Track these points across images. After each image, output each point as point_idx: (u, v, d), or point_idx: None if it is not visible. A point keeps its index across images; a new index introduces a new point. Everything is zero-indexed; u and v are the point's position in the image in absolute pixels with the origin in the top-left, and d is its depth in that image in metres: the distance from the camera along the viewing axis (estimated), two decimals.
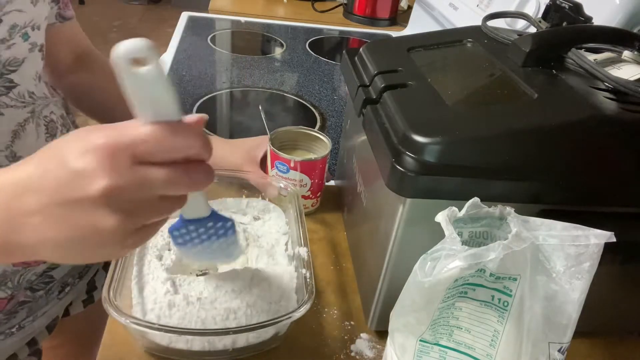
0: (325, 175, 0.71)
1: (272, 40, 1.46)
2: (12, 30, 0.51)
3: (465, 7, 1.15)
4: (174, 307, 0.51)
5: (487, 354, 0.42)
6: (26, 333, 0.65)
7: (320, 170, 0.68)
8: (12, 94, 0.54)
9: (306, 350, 0.54)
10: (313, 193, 0.70)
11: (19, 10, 0.51)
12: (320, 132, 0.72)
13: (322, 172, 0.69)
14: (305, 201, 0.70)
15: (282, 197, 0.67)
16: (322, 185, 0.70)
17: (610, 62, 0.55)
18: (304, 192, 0.68)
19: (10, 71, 0.53)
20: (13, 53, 0.53)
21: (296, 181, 0.67)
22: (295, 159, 0.65)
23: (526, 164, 0.44)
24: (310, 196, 0.70)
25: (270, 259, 0.60)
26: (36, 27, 0.55)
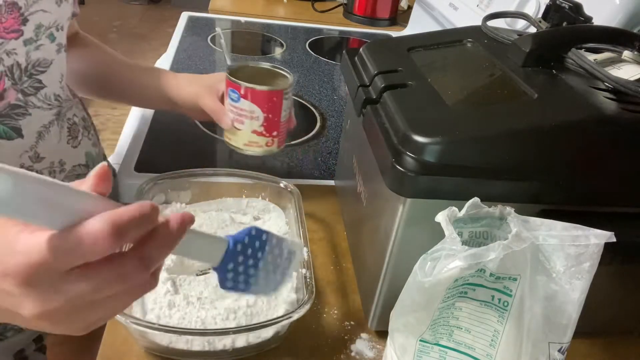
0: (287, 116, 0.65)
1: (272, 40, 1.46)
2: (37, 30, 0.52)
3: (465, 7, 1.15)
4: (174, 307, 0.51)
5: (487, 354, 0.42)
6: (33, 330, 0.65)
7: (274, 103, 0.62)
8: (40, 94, 0.55)
9: (306, 350, 0.54)
10: (267, 130, 0.63)
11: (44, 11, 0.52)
12: (283, 68, 0.67)
13: (278, 107, 0.62)
14: (257, 138, 0.64)
15: (282, 197, 0.67)
16: (278, 124, 0.64)
17: (610, 62, 0.55)
18: (255, 127, 0.63)
19: (39, 72, 0.54)
20: (43, 54, 0.53)
21: (246, 111, 0.61)
22: (246, 86, 0.60)
23: (526, 164, 0.44)
24: (263, 133, 0.63)
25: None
26: (60, 27, 0.55)
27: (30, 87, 0.54)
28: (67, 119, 0.61)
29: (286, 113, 0.64)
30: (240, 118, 0.62)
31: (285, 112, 0.64)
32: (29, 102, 0.54)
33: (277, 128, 0.64)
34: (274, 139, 0.65)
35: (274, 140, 0.65)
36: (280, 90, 0.61)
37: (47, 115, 0.57)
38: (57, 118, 0.59)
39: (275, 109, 0.62)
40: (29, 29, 0.51)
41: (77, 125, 0.64)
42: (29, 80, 0.54)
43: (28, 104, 0.54)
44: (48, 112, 0.57)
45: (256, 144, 0.64)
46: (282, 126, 0.65)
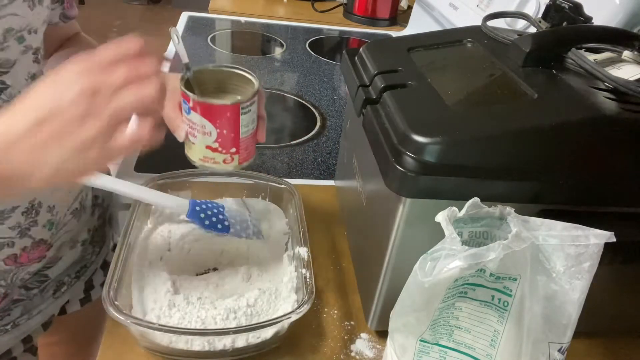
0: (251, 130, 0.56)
1: (272, 40, 1.46)
2: (7, 34, 0.51)
3: (465, 7, 1.15)
4: (174, 307, 0.51)
5: (487, 354, 0.42)
6: (21, 331, 0.65)
7: (229, 119, 0.53)
8: (4, 95, 0.54)
9: (306, 351, 0.54)
10: (222, 147, 0.55)
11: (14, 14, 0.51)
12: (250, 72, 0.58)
13: (234, 123, 0.53)
14: (212, 154, 0.55)
15: (282, 197, 0.67)
16: (237, 140, 0.55)
17: (610, 62, 0.55)
18: (208, 142, 0.54)
19: (2, 73, 0.53)
20: (6, 55, 0.53)
21: (197, 125, 0.53)
22: (194, 98, 0.51)
23: (526, 164, 0.44)
24: (218, 149, 0.55)
25: (270, 259, 0.60)
26: (33, 30, 0.55)
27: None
28: None
29: (249, 128, 0.55)
30: (193, 131, 0.54)
31: (247, 128, 0.55)
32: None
33: (235, 144, 0.55)
34: (233, 155, 0.56)
35: (233, 157, 0.57)
36: (235, 105, 0.52)
37: None
38: None
39: (230, 125, 0.54)
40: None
41: None
42: None
43: None
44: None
45: (212, 159, 0.56)
46: (244, 142, 0.56)
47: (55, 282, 0.68)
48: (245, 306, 0.52)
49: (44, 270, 0.65)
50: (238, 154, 0.57)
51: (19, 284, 0.62)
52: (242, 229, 0.62)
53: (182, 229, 0.62)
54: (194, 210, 0.61)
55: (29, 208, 0.58)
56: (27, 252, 0.60)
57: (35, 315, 0.66)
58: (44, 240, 0.62)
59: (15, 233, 0.58)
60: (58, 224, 0.63)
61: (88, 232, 0.72)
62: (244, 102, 0.53)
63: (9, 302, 0.62)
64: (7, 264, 0.59)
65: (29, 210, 0.58)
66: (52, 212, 0.61)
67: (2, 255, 0.57)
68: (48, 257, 0.64)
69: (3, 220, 0.56)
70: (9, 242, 0.57)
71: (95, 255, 0.75)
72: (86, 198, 0.69)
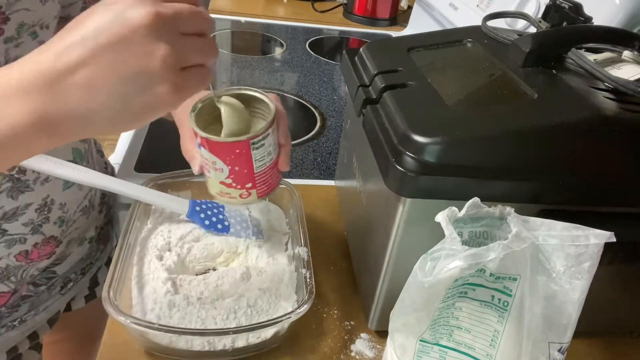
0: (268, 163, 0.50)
1: (272, 40, 1.46)
2: (20, 29, 0.51)
3: (465, 7, 1.15)
4: (174, 307, 0.51)
5: (487, 354, 0.42)
6: (27, 327, 0.66)
7: (239, 156, 0.48)
8: None
9: (306, 351, 0.54)
10: (237, 183, 0.50)
11: (27, 9, 0.51)
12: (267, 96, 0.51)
13: (246, 159, 0.49)
14: (228, 189, 0.51)
15: (282, 197, 0.67)
16: (251, 176, 0.50)
17: (610, 62, 0.55)
18: (221, 179, 0.50)
19: None
20: (22, 51, 0.53)
21: (208, 161, 0.49)
22: (201, 134, 0.46)
23: (526, 164, 0.44)
24: (233, 185, 0.50)
25: (270, 259, 0.60)
26: (44, 26, 0.55)
27: None
28: None
29: (264, 161, 0.50)
30: (206, 166, 0.50)
31: (263, 161, 0.50)
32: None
33: (250, 180, 0.51)
34: (250, 190, 0.52)
35: (250, 192, 0.52)
36: (245, 141, 0.47)
37: None
38: None
39: (242, 162, 0.49)
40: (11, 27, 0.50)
41: None
42: None
43: None
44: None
45: (228, 195, 0.52)
46: (260, 176, 0.51)
47: (62, 279, 0.68)
48: (245, 306, 0.52)
49: (53, 266, 0.66)
50: (255, 188, 0.52)
51: (28, 280, 0.62)
52: (242, 229, 0.62)
53: (182, 229, 0.62)
54: (194, 210, 0.61)
55: (42, 205, 0.58)
56: (37, 248, 0.61)
57: (42, 311, 0.67)
58: (54, 237, 0.63)
59: (28, 229, 0.58)
60: (68, 221, 0.64)
61: (95, 229, 0.72)
62: (255, 137, 0.47)
63: (17, 298, 0.62)
64: (18, 260, 0.59)
65: (42, 207, 0.58)
66: (63, 209, 0.62)
67: (14, 251, 0.58)
68: (57, 253, 0.64)
69: (17, 217, 0.56)
70: (21, 239, 0.58)
71: (100, 252, 0.76)
72: (95, 196, 0.70)
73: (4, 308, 0.61)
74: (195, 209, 0.61)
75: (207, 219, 0.60)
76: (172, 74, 0.34)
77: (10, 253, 0.58)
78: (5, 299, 0.60)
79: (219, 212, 0.62)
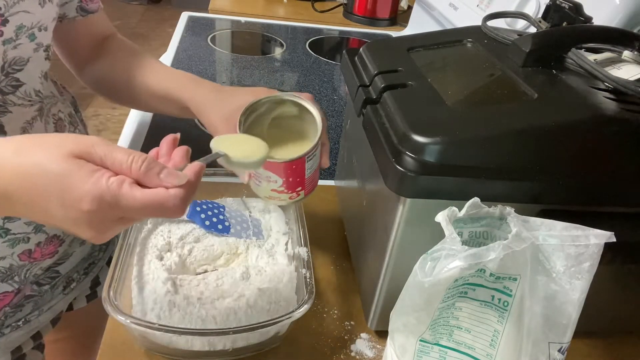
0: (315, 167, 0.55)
1: (272, 40, 1.46)
2: (18, 31, 0.52)
3: (465, 7, 1.15)
4: (174, 307, 0.51)
5: (487, 354, 0.42)
6: (31, 327, 0.66)
7: (294, 170, 0.53)
8: (19, 92, 0.55)
9: (306, 351, 0.54)
10: (289, 189, 0.55)
11: (26, 12, 0.52)
12: (311, 104, 0.55)
13: (300, 172, 0.53)
14: (278, 195, 0.56)
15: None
16: (302, 182, 0.55)
17: (610, 62, 0.55)
18: (274, 187, 0.54)
19: (16, 70, 0.54)
20: (19, 53, 0.53)
21: (262, 176, 0.53)
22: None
23: (526, 164, 0.44)
24: (284, 191, 0.55)
25: (270, 259, 0.60)
26: (43, 28, 0.55)
27: (9, 85, 0.54)
28: (52, 115, 0.61)
29: (314, 167, 0.55)
30: (257, 178, 0.54)
31: (312, 167, 0.55)
32: (7, 100, 0.54)
33: (301, 185, 0.55)
34: (299, 192, 0.57)
35: (299, 193, 0.57)
36: (301, 159, 0.51)
37: (28, 112, 0.57)
38: (39, 114, 0.58)
39: (296, 174, 0.53)
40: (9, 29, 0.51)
41: (62, 121, 0.63)
42: (6, 79, 0.53)
43: (7, 103, 0.54)
44: (29, 108, 0.57)
45: (278, 198, 0.56)
46: (309, 180, 0.56)
47: (65, 278, 0.69)
48: (245, 306, 0.52)
49: (56, 266, 0.66)
50: (304, 190, 0.57)
51: (31, 280, 0.63)
52: (242, 230, 0.62)
53: (182, 229, 0.62)
54: (194, 210, 0.61)
55: None
56: (40, 247, 0.61)
57: (46, 311, 0.67)
58: (57, 236, 0.63)
59: (31, 229, 0.58)
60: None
61: None
62: (309, 152, 0.51)
63: (21, 298, 0.62)
64: (22, 260, 0.59)
65: None
66: None
67: (17, 250, 0.58)
68: (60, 252, 0.65)
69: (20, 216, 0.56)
70: (25, 238, 0.58)
71: (102, 252, 0.76)
72: None
73: (8, 308, 0.61)
74: (195, 209, 0.61)
75: (208, 219, 0.60)
76: (99, 233, 0.37)
77: (13, 252, 0.58)
78: (9, 298, 0.61)
79: (220, 212, 0.62)
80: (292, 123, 0.57)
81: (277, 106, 0.56)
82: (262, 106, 0.55)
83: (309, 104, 0.55)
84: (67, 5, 0.63)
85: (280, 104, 0.56)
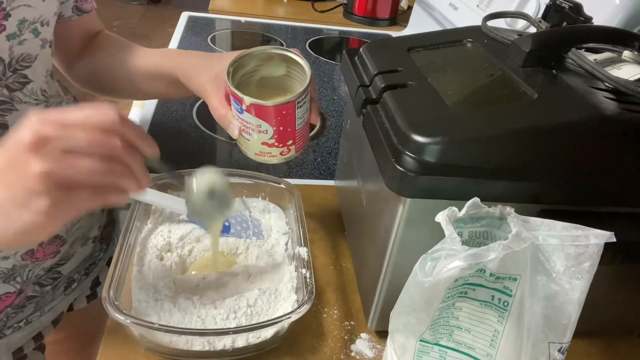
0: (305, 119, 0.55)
1: (272, 40, 1.46)
2: (21, 25, 0.52)
3: (465, 7, 1.15)
4: (174, 307, 0.51)
5: (487, 354, 0.42)
6: (33, 328, 0.66)
7: (285, 116, 0.52)
8: (26, 89, 0.55)
9: (306, 351, 0.54)
10: (279, 141, 0.54)
11: (27, 5, 0.52)
12: (298, 54, 0.55)
13: (291, 119, 0.52)
14: (269, 149, 0.55)
15: (282, 197, 0.67)
16: (293, 133, 0.54)
17: (610, 62, 0.55)
18: (265, 139, 0.53)
19: (24, 67, 0.54)
20: (26, 49, 0.53)
21: (252, 125, 0.52)
22: (248, 100, 0.50)
23: (526, 164, 0.44)
24: (275, 144, 0.54)
25: (270, 259, 0.60)
26: (45, 23, 0.55)
27: (16, 82, 0.54)
28: None
29: (304, 118, 0.54)
30: (247, 130, 0.53)
31: (303, 118, 0.54)
32: (14, 97, 0.54)
33: (292, 137, 0.55)
34: (290, 147, 0.56)
35: (290, 148, 0.56)
36: (292, 102, 0.51)
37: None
38: None
39: (286, 121, 0.53)
40: (12, 23, 0.50)
41: None
42: (14, 75, 0.53)
43: (14, 100, 0.54)
44: (35, 107, 0.57)
45: (269, 154, 0.55)
46: (299, 132, 0.55)
47: (66, 279, 0.69)
48: (245, 306, 0.52)
49: (57, 266, 0.66)
50: (295, 144, 0.56)
51: (33, 280, 0.63)
52: (242, 230, 0.62)
53: (182, 229, 0.62)
54: None
55: None
56: (43, 247, 0.61)
57: (47, 312, 0.67)
58: (59, 236, 0.63)
59: None
60: (72, 220, 0.64)
61: (98, 229, 0.73)
62: (299, 96, 0.51)
63: (23, 298, 0.62)
64: (24, 260, 0.59)
65: None
66: None
67: (20, 250, 0.58)
68: (62, 252, 0.65)
69: None
70: None
71: (103, 252, 0.76)
72: None
73: (9, 309, 0.61)
74: None
75: None
76: (51, 191, 0.35)
77: (16, 252, 0.58)
78: (11, 299, 0.61)
79: None
80: (281, 82, 0.57)
81: (265, 63, 0.56)
82: (250, 60, 0.55)
83: (296, 55, 0.55)
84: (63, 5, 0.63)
85: (268, 59, 0.56)
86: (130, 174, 0.38)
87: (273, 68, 0.57)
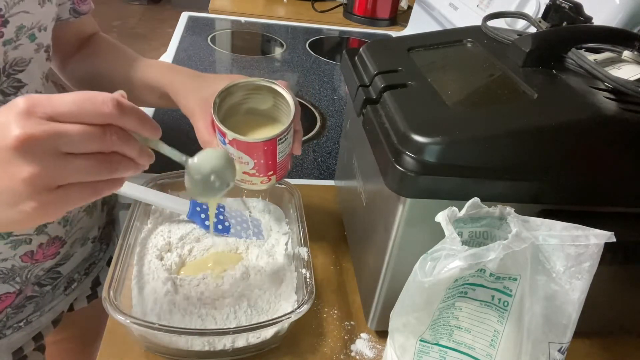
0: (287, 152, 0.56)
1: (272, 40, 1.46)
2: (18, 32, 0.52)
3: (465, 7, 1.15)
4: (174, 307, 0.51)
5: (487, 354, 0.42)
6: (33, 328, 0.66)
7: (266, 152, 0.53)
8: (20, 94, 0.55)
9: (306, 350, 0.54)
10: (260, 172, 0.55)
11: (25, 12, 0.52)
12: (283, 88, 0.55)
13: (271, 154, 0.54)
14: (250, 178, 0.56)
15: (282, 197, 0.67)
16: (274, 166, 0.56)
17: (610, 62, 0.55)
18: (246, 169, 0.55)
19: (17, 71, 0.54)
20: (20, 53, 0.53)
21: (234, 156, 0.53)
22: (230, 135, 0.51)
23: (526, 164, 0.44)
24: (256, 174, 0.56)
25: (270, 259, 0.60)
26: (42, 28, 0.55)
27: (10, 86, 0.54)
28: None
29: (285, 151, 0.56)
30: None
31: (284, 152, 0.55)
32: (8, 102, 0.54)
33: (272, 169, 0.56)
34: (270, 177, 0.57)
35: (270, 178, 0.58)
36: (273, 140, 0.52)
37: None
38: None
39: (268, 156, 0.54)
40: (10, 30, 0.50)
41: None
42: (8, 80, 0.53)
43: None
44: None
45: (249, 182, 0.57)
46: (280, 164, 0.57)
47: (66, 279, 0.69)
48: (245, 306, 0.52)
49: (57, 267, 0.66)
50: (275, 174, 0.57)
51: (33, 281, 0.63)
52: (242, 230, 0.62)
53: (182, 229, 0.62)
54: (195, 211, 0.61)
55: None
56: (42, 248, 0.61)
57: (47, 312, 0.67)
58: (59, 237, 0.63)
59: (33, 230, 0.58)
60: (72, 221, 0.64)
61: (98, 229, 0.73)
62: (281, 134, 0.52)
63: (22, 298, 0.62)
64: (24, 261, 0.59)
65: None
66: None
67: (19, 252, 0.58)
68: (62, 253, 0.65)
69: None
70: (27, 239, 0.58)
71: (103, 252, 0.76)
72: None
73: (9, 309, 0.61)
74: (195, 209, 0.61)
75: (208, 220, 0.60)
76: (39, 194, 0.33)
77: (16, 254, 0.58)
78: (10, 299, 0.61)
79: (220, 212, 0.62)
80: (267, 112, 0.58)
81: (252, 94, 0.57)
82: (238, 90, 0.56)
83: (283, 89, 0.55)
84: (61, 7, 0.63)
85: (255, 90, 0.57)
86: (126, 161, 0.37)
87: (260, 101, 0.58)
